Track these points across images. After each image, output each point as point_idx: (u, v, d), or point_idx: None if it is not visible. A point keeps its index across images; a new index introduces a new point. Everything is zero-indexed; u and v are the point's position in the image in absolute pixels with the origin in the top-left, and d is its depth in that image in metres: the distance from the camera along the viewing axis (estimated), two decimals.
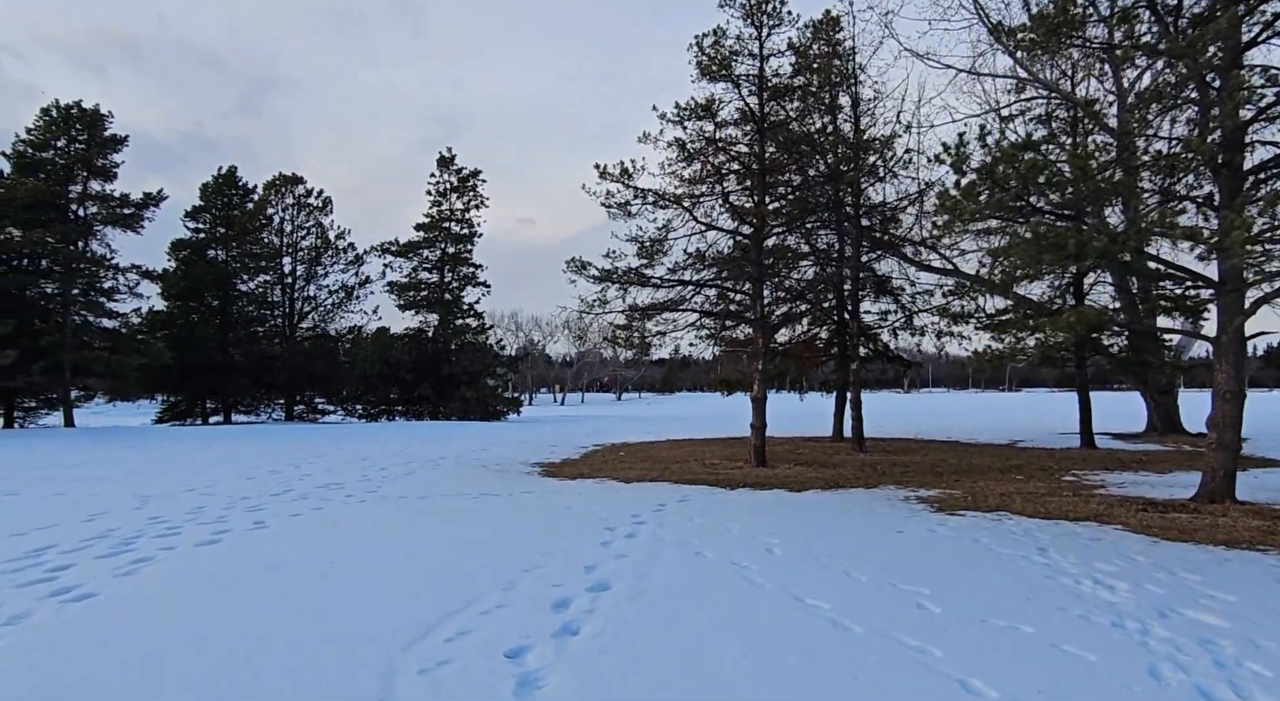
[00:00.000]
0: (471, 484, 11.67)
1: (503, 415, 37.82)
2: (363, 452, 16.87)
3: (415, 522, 8.12)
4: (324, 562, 6.05)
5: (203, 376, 37.27)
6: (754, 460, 14.04)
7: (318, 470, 13.33)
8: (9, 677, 3.69)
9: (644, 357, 17.08)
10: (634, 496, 10.30)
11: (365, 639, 4.21)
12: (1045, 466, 13.95)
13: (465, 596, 5.05)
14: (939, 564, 6.16)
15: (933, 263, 19.25)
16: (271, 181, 41.12)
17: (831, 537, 7.25)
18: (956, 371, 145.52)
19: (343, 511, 8.88)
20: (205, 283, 37.98)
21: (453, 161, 38.04)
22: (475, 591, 5.17)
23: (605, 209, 14.26)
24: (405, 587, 5.29)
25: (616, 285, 13.88)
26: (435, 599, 4.98)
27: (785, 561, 6.18)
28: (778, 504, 9.61)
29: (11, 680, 3.66)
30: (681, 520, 8.29)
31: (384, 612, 4.68)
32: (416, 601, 4.92)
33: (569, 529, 7.67)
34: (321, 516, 8.47)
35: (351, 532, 7.45)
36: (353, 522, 8.07)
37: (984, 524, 8.09)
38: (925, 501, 9.81)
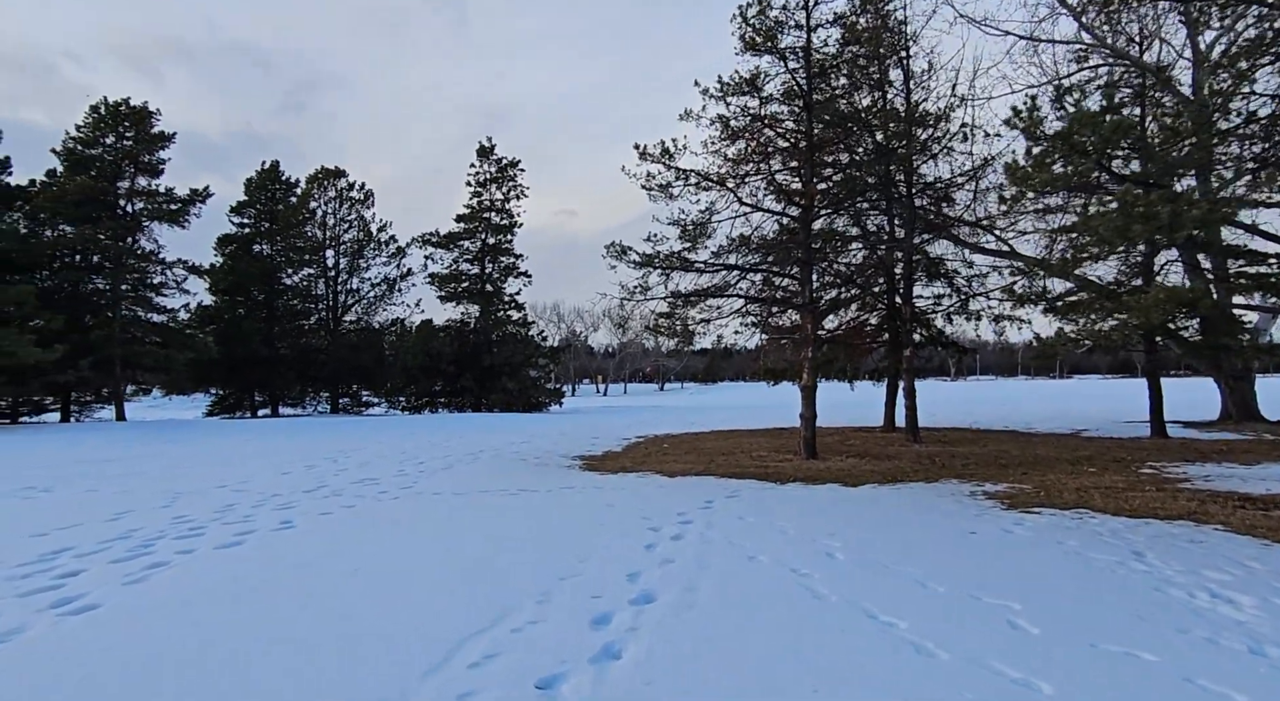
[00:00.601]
0: (510, 479, 11.23)
1: (545, 406, 37.56)
2: (402, 446, 16.58)
3: (449, 523, 7.67)
4: (345, 570, 5.60)
5: (249, 370, 37.68)
6: (804, 452, 13.38)
7: (354, 465, 13.02)
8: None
9: (687, 347, 16.51)
10: (679, 492, 9.74)
11: (379, 668, 3.72)
12: (1117, 457, 13.05)
13: (496, 609, 4.54)
14: (1024, 571, 5.50)
15: (987, 244, 18.35)
16: (314, 175, 41.33)
17: (897, 540, 6.61)
18: (1004, 359, 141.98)
19: (374, 510, 8.48)
20: (251, 277, 38.30)
21: (492, 151, 37.75)
22: (507, 603, 4.67)
23: (645, 191, 13.68)
24: (432, 601, 4.80)
25: (658, 270, 13.30)
26: (463, 613, 4.49)
27: (849, 568, 5.57)
28: (833, 500, 8.98)
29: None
30: (731, 519, 7.71)
31: (405, 633, 4.20)
32: (442, 616, 4.44)
33: (610, 529, 7.14)
34: (351, 516, 8.07)
35: (380, 535, 7.01)
36: (382, 523, 7.65)
37: (1065, 523, 7.36)
38: (993, 497, 9.09)
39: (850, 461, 12.99)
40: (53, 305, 28.19)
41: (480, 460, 13.82)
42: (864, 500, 8.97)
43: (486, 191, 37.74)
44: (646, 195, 13.72)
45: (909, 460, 13.13)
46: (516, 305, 38.22)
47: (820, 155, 13.79)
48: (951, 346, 19.32)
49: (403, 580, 5.26)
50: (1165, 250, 17.98)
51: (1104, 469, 11.55)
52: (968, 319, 18.99)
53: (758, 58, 13.49)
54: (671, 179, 13.43)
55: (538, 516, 7.92)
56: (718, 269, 13.55)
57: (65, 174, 29.90)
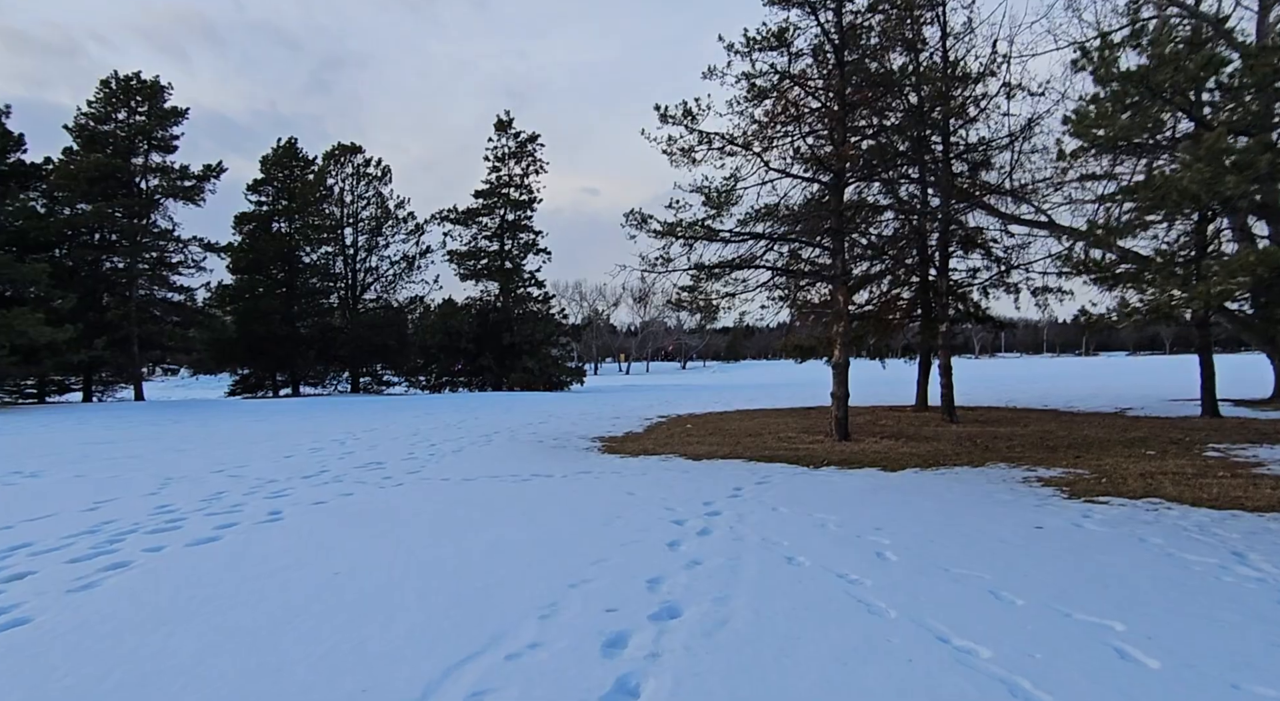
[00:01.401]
0: (523, 462, 10.56)
1: (566, 385, 36.96)
2: (416, 427, 15.99)
3: (451, 514, 6.99)
4: (323, 575, 4.94)
5: (270, 349, 37.34)
6: (836, 433, 12.60)
7: (362, 447, 12.42)
8: None
9: (710, 322, 15.71)
10: (705, 478, 9.01)
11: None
12: (1174, 439, 12.13)
13: (490, 628, 3.85)
14: (1110, 577, 4.71)
15: (1026, 215, 17.30)
16: (330, 152, 40.69)
17: (954, 536, 5.84)
18: (1029, 336, 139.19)
19: (374, 498, 7.83)
20: (269, 255, 37.85)
21: (510, 125, 36.90)
22: (505, 619, 3.97)
23: (667, 156, 12.85)
24: (416, 616, 4.11)
25: (681, 241, 12.48)
26: (452, 634, 3.79)
27: (904, 572, 4.82)
28: (874, 487, 8.20)
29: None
30: (763, 510, 6.97)
31: (376, 665, 3.51)
32: (426, 638, 3.74)
33: (628, 523, 6.43)
34: (347, 506, 7.42)
35: (372, 529, 6.34)
36: (378, 515, 6.99)
37: (1140, 515, 6.54)
38: (1050, 484, 8.26)
39: (885, 443, 12.18)
40: (70, 284, 27.94)
41: (494, 442, 13.17)
42: (908, 487, 8.19)
43: (505, 166, 36.95)
44: (668, 161, 12.89)
45: (949, 441, 12.30)
46: (536, 282, 37.55)
47: (853, 117, 12.85)
48: (988, 322, 18.36)
49: (387, 588, 4.57)
50: (1221, 217, 16.86)
51: (1164, 452, 10.65)
52: (1006, 292, 18.03)
53: (785, 10, 12.55)
54: (694, 142, 12.58)
55: (549, 506, 7.23)
56: (743, 239, 12.70)
57: (81, 151, 29.53)
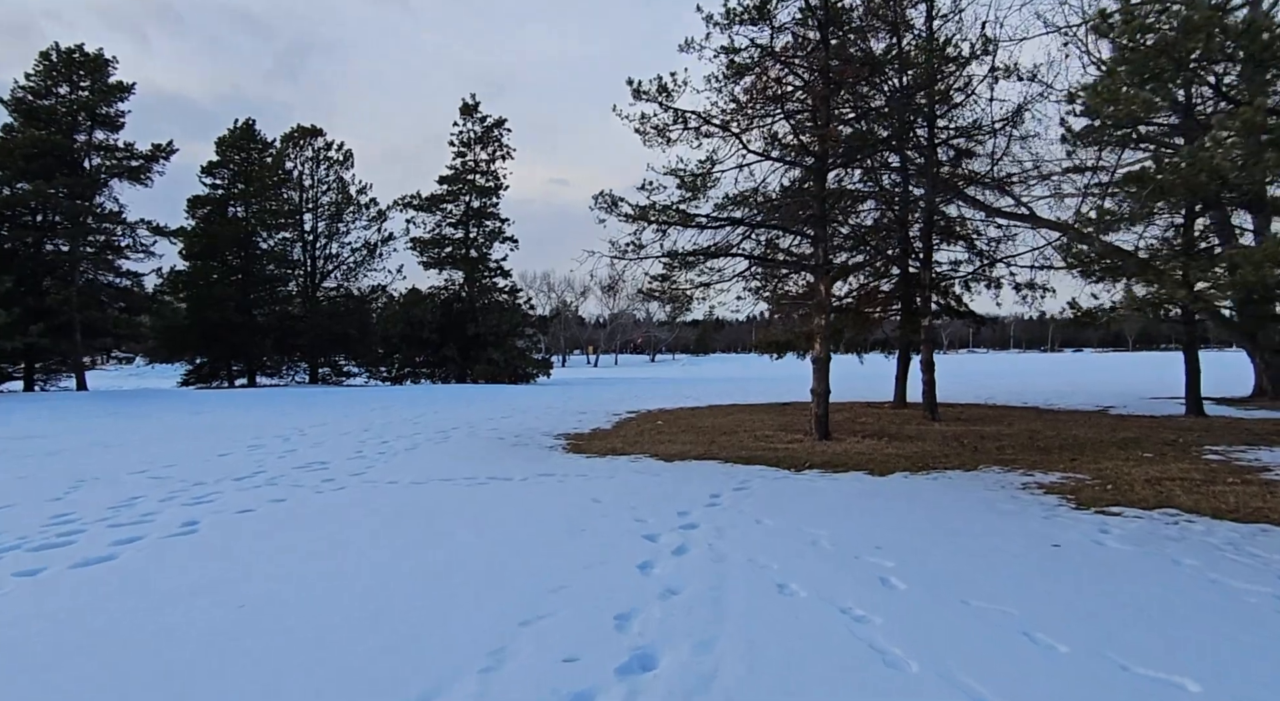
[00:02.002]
0: (481, 462, 9.71)
1: (532, 378, 36.01)
2: (369, 421, 15.04)
3: (391, 526, 6.14)
4: (230, 605, 4.09)
5: (224, 337, 35.88)
6: (816, 432, 11.92)
7: (308, 444, 11.49)
8: None
9: (682, 315, 14.95)
10: (678, 481, 8.25)
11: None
12: (1167, 440, 11.61)
13: (418, 686, 3.04)
14: (1157, 611, 4.03)
15: (1007, 208, 16.76)
16: (289, 134, 39.26)
17: (964, 556, 5.13)
18: (995, 332, 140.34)
19: (308, 506, 6.95)
20: (225, 240, 36.35)
21: (476, 109, 35.76)
22: (438, 673, 3.16)
23: (639, 135, 12.03)
24: (329, 667, 3.29)
25: (653, 225, 11.68)
26: (368, 695, 2.98)
27: (917, 605, 4.09)
28: (864, 493, 7.50)
29: None
30: (745, 521, 6.22)
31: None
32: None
33: (593, 538, 5.64)
34: (275, 515, 6.54)
35: (296, 545, 5.48)
36: (308, 527, 6.12)
37: (1162, 530, 5.90)
38: (1053, 491, 7.62)
39: (868, 443, 11.52)
40: (9, 266, 26.39)
41: (451, 439, 12.29)
42: (900, 494, 7.49)
43: (471, 152, 35.82)
44: (641, 141, 12.08)
45: (934, 441, 11.68)
46: (503, 272, 36.51)
47: (836, 100, 12.13)
48: (969, 316, 17.83)
49: (299, 628, 3.74)
50: (1204, 214, 16.45)
51: (1161, 454, 10.10)
52: (988, 286, 17.51)
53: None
54: (669, 121, 11.77)
55: (505, 517, 6.41)
56: (721, 224, 11.93)
57: (19, 127, 27.90)
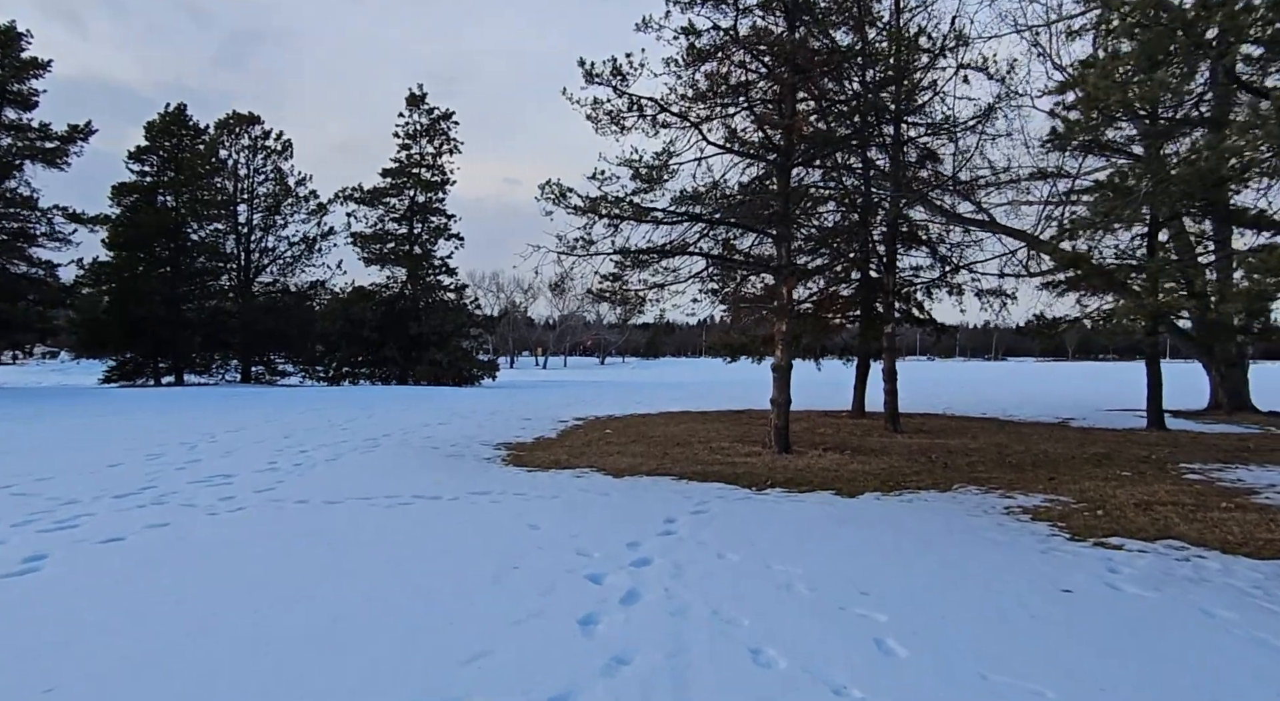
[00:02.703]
0: (408, 477, 8.68)
1: (477, 380, 34.72)
2: (293, 426, 13.82)
3: (285, 561, 5.11)
4: (36, 690, 3.06)
5: (150, 332, 33.84)
6: (776, 444, 11.14)
7: (216, 453, 10.29)
8: None
9: (634, 318, 14.10)
10: (628, 503, 7.36)
11: None
12: (1138, 456, 11.12)
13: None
14: (1209, 686, 3.26)
15: (966, 213, 16.30)
16: (225, 121, 37.32)
17: (965, 605, 4.33)
18: (941, 340, 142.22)
19: (192, 532, 5.87)
20: (152, 230, 34.30)
21: (423, 100, 34.38)
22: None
23: (591, 123, 11.14)
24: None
25: (605, 220, 10.77)
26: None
27: (932, 686, 3.26)
28: (836, 520, 6.69)
29: None
30: (706, 556, 5.35)
31: None
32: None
33: (527, 579, 4.71)
34: (149, 545, 5.46)
35: (156, 590, 4.44)
36: (183, 562, 5.06)
37: (1177, 569, 5.19)
38: (1040, 517, 6.92)
39: (831, 457, 10.78)
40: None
41: (380, 448, 11.20)
42: (876, 520, 6.71)
43: (416, 144, 34.42)
44: (592, 128, 11.18)
45: (900, 456, 10.99)
46: (448, 269, 35.14)
47: (805, 87, 11.40)
48: (930, 324, 17.31)
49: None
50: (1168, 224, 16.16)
51: (1139, 473, 9.55)
52: (950, 293, 17.01)
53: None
54: (623, 107, 10.90)
55: (424, 549, 5.43)
56: (677, 220, 11.08)
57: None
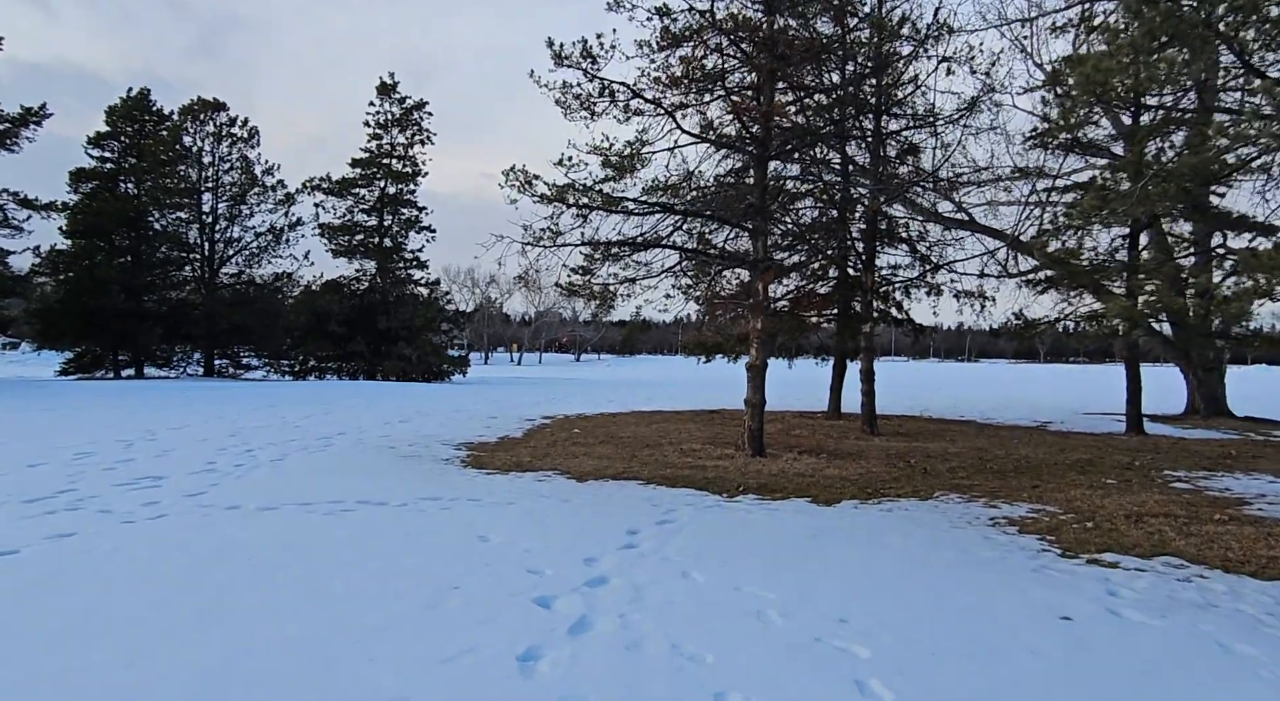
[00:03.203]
0: (356, 480, 8.09)
1: (448, 375, 33.98)
2: (242, 423, 13.13)
3: (190, 582, 4.53)
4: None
5: (109, 324, 32.72)
6: (749, 447, 10.66)
7: (152, 452, 9.62)
8: None
9: (605, 314, 13.59)
10: (589, 511, 6.84)
11: None
12: (1121, 463, 10.78)
13: None
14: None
15: (945, 212, 15.97)
16: (188, 107, 36.15)
17: (956, 638, 3.86)
18: (916, 340, 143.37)
19: (99, 544, 5.26)
20: (112, 218, 33.19)
21: (395, 89, 33.53)
22: None
23: (560, 107, 10.59)
24: None
25: (573, 209, 10.23)
26: None
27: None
28: (812, 533, 6.21)
29: None
30: (670, 575, 4.85)
31: None
32: None
33: (467, 604, 4.17)
34: (48, 557, 4.85)
35: (36, 617, 3.85)
36: (79, 579, 4.47)
37: (1181, 593, 4.77)
38: (1027, 529, 6.50)
39: (807, 461, 10.32)
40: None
41: (331, 448, 10.58)
42: (855, 533, 6.24)
43: (387, 134, 33.57)
44: (561, 113, 10.64)
45: (878, 460, 10.57)
46: (419, 263, 34.33)
47: (785, 73, 10.91)
48: (908, 324, 16.94)
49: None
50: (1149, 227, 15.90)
51: (1124, 481, 9.19)
52: (928, 293, 16.65)
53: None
54: (594, 92, 10.36)
55: (357, 565, 4.87)
56: (650, 211, 10.57)
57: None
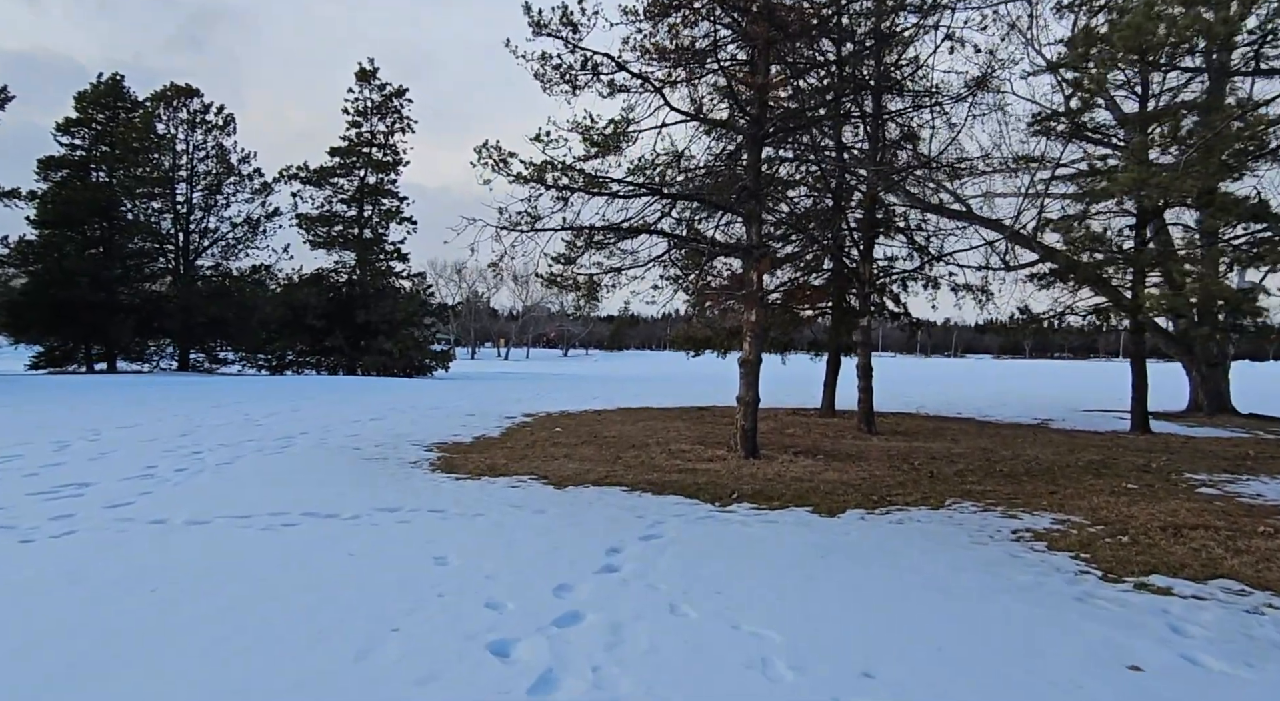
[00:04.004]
0: (308, 488, 7.28)
1: (429, 371, 33.12)
2: (200, 422, 12.27)
3: (85, 618, 3.73)
4: None
5: (80, 317, 31.64)
6: (742, 448, 9.92)
7: (88, 454, 8.77)
8: None
9: (592, 305, 12.80)
10: (566, 525, 6.06)
11: None
12: (1136, 464, 10.10)
13: None
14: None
15: (946, 203, 15.26)
16: (161, 93, 35.09)
17: (1011, 697, 3.13)
18: (900, 337, 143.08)
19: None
20: (83, 208, 32.10)
21: (374, 75, 32.57)
22: None
23: (539, 82, 9.79)
24: None
25: (553, 190, 9.43)
26: None
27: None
28: (817, 550, 5.46)
29: None
30: (655, 609, 4.08)
31: None
32: None
33: (403, 652, 3.39)
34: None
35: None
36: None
37: (1257, 628, 4.03)
38: (1057, 545, 5.77)
39: (804, 463, 9.59)
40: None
41: (290, 449, 9.76)
42: (867, 551, 5.49)
43: (367, 122, 32.61)
44: (540, 87, 9.83)
45: (879, 462, 9.85)
46: (400, 255, 33.40)
47: (784, 46, 10.14)
48: (905, 318, 16.24)
49: None
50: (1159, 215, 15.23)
51: (1147, 486, 8.50)
52: (925, 286, 15.96)
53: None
54: (575, 64, 9.56)
55: (273, 606, 4.06)
56: (636, 193, 9.77)
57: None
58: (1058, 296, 14.72)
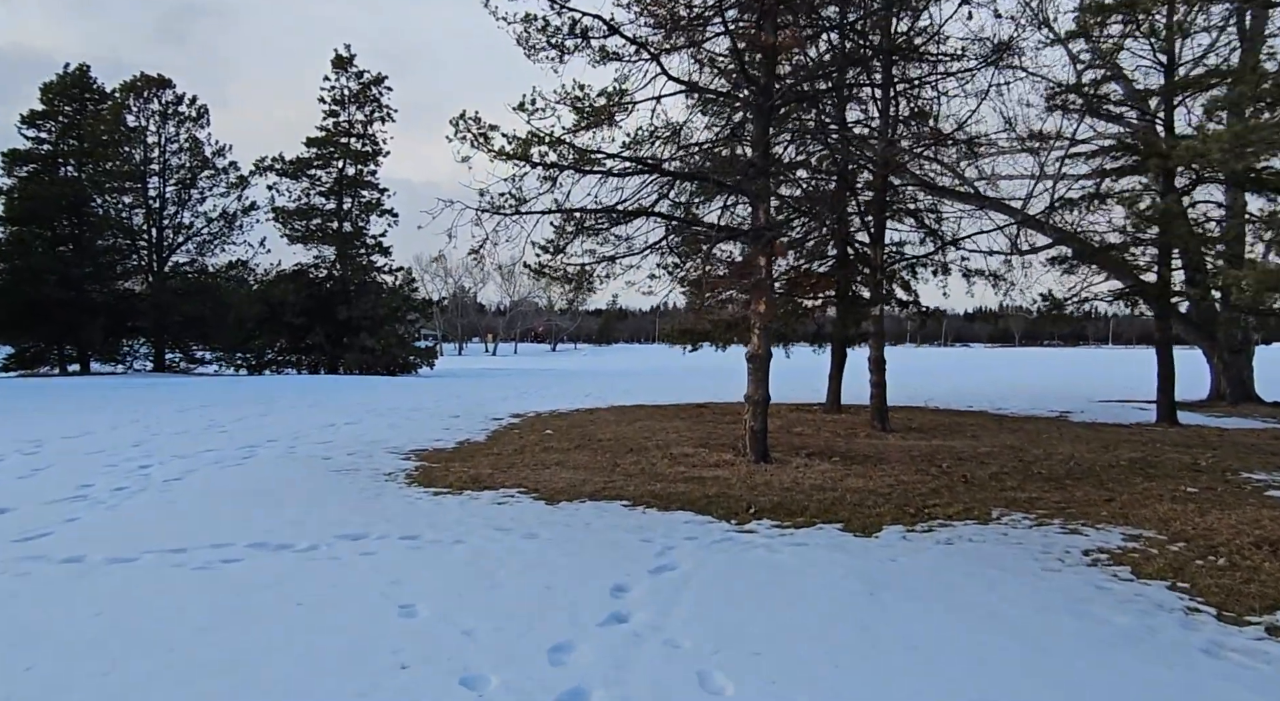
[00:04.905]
0: (263, 509, 6.30)
1: (414, 368, 32.04)
2: (156, 428, 11.25)
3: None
4: None
5: (50, 317, 30.41)
6: (752, 451, 8.98)
7: (20, 471, 7.76)
8: None
9: (582, 301, 11.86)
10: (560, 553, 5.12)
11: None
12: (1183, 462, 9.23)
13: None
14: None
15: (960, 188, 14.37)
16: (130, 83, 33.75)
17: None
18: (891, 326, 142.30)
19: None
20: (50, 204, 30.85)
21: (351, 62, 31.35)
22: None
23: (522, 47, 8.80)
24: None
25: (540, 169, 8.44)
26: None
27: None
28: (864, 585, 4.53)
29: None
30: (680, 684, 3.15)
31: None
32: None
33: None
34: None
35: None
36: None
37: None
38: (1145, 572, 4.88)
39: (820, 467, 8.68)
40: None
41: (252, 460, 8.76)
42: (920, 584, 4.57)
43: (344, 111, 31.41)
44: (524, 54, 8.85)
45: (902, 464, 8.94)
46: (382, 249, 32.24)
47: (792, 5, 9.19)
48: (915, 306, 15.34)
49: None
50: None
51: (1208, 487, 7.63)
52: (935, 273, 15.07)
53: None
54: (563, 28, 8.58)
55: (186, 686, 3.11)
56: (631, 171, 8.80)
57: None
58: (1077, 282, 13.86)
